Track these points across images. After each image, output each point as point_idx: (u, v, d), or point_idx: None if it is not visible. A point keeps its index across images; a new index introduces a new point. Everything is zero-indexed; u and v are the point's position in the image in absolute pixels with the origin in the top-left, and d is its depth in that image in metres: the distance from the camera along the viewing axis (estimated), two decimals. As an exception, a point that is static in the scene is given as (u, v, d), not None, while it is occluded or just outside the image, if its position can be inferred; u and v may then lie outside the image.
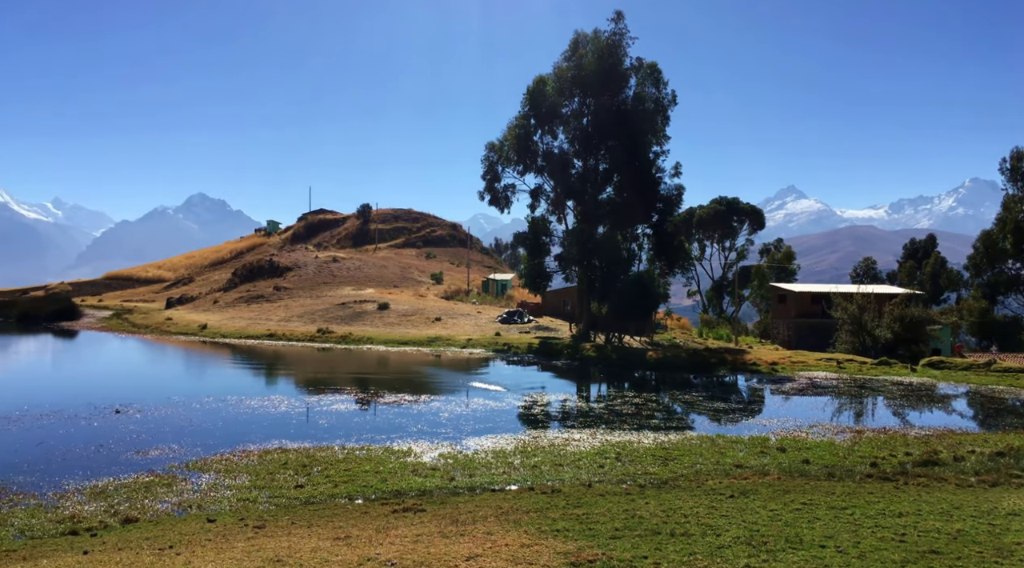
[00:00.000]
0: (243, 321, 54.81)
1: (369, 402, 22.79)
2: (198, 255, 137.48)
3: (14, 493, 12.24)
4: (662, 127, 42.12)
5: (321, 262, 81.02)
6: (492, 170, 44.35)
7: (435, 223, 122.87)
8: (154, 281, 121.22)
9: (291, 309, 58.61)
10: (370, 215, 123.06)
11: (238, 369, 34.43)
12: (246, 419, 19.75)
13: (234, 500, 11.91)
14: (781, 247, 75.76)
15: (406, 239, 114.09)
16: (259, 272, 78.45)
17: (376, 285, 71.90)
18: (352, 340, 44.19)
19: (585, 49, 41.59)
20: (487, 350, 39.73)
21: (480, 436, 17.48)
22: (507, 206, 45.27)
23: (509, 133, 43.53)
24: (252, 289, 71.12)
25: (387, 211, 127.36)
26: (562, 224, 44.87)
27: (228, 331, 50.17)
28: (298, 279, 73.55)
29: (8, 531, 10.11)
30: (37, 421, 18.92)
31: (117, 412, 20.18)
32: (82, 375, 31.87)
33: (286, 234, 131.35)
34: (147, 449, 15.81)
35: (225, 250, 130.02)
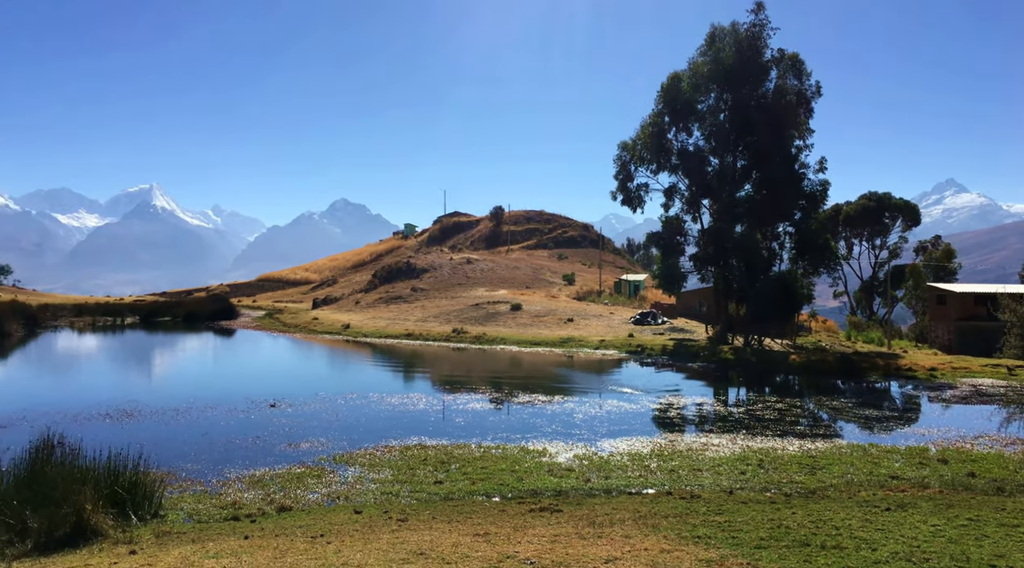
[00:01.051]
0: (383, 321, 57.01)
1: (503, 402, 23.09)
2: (341, 258, 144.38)
3: (183, 479, 13.24)
4: (805, 120, 40.20)
5: (456, 264, 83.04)
6: (625, 170, 43.87)
7: (567, 224, 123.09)
8: (301, 283, 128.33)
9: (427, 309, 60.41)
10: (502, 217, 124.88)
11: (378, 367, 35.82)
12: (387, 416, 20.49)
13: (378, 493, 12.37)
14: (939, 245, 70.49)
15: (538, 240, 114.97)
16: (397, 274, 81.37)
17: (509, 286, 72.89)
18: (486, 340, 44.97)
19: (722, 42, 40.37)
20: (620, 351, 39.36)
21: (615, 438, 17.32)
22: (640, 206, 44.68)
23: (642, 132, 42.93)
24: (391, 290, 73.86)
25: (519, 213, 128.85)
26: (697, 223, 43.78)
27: (369, 331, 52.32)
28: (434, 280, 75.71)
29: (179, 514, 10.95)
30: (202, 413, 20.43)
31: (272, 406, 21.47)
32: (240, 371, 34.16)
33: (422, 237, 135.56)
34: (298, 442, 16.73)
35: (366, 253, 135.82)
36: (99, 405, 21.57)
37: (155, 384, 28.90)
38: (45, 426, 14.95)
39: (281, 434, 17.59)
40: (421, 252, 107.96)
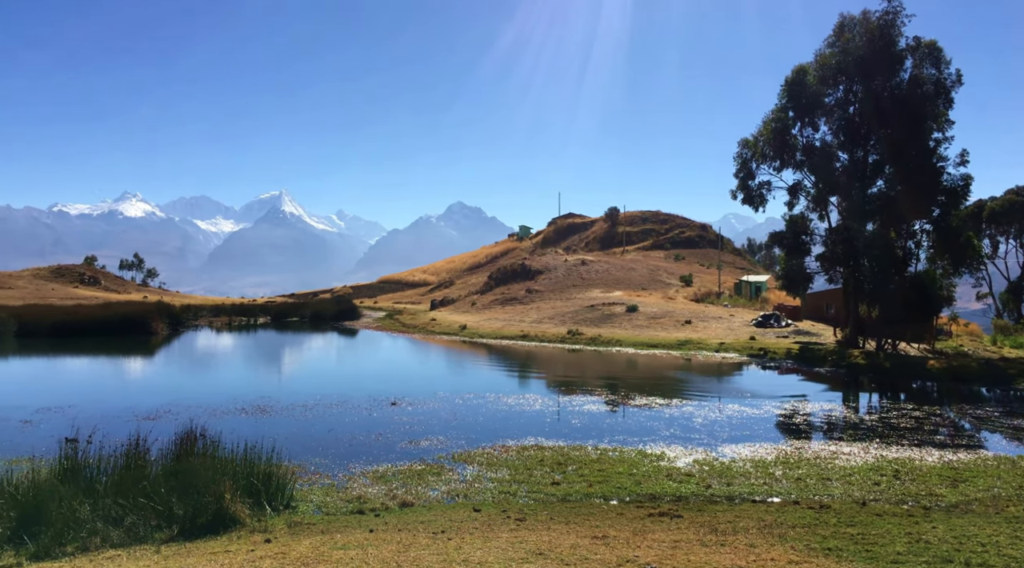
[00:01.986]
0: (498, 322, 57.67)
1: (619, 404, 22.84)
2: (458, 260, 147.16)
3: (312, 473, 13.82)
4: (944, 111, 37.61)
5: (570, 265, 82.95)
6: (745, 167, 42.47)
7: (683, 224, 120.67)
8: (420, 284, 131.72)
9: (542, 311, 60.63)
10: (618, 218, 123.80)
11: (494, 368, 36.23)
12: (503, 416, 20.68)
13: (496, 492, 12.49)
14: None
15: (654, 241, 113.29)
16: (512, 275, 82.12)
17: (624, 287, 72.14)
18: (601, 342, 44.67)
19: (852, 32, 38.40)
20: (741, 354, 38.17)
21: (736, 443, 16.79)
22: (762, 204, 43.15)
23: (764, 128, 41.45)
24: (506, 291, 74.63)
25: (634, 213, 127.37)
26: (824, 222, 41.84)
27: (485, 331, 53.04)
28: (548, 282, 75.92)
29: (308, 506, 11.43)
30: (328, 409, 21.29)
31: (393, 405, 22.12)
32: (362, 370, 35.40)
33: (537, 238, 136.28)
34: (418, 439, 17.14)
35: (481, 255, 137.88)
36: (235, 400, 22.88)
37: (285, 381, 30.36)
38: (188, 419, 15.98)
39: (402, 432, 18.08)
40: (536, 254, 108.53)
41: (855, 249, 38.14)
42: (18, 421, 19.03)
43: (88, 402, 22.46)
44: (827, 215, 41.88)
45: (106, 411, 20.58)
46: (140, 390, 26.92)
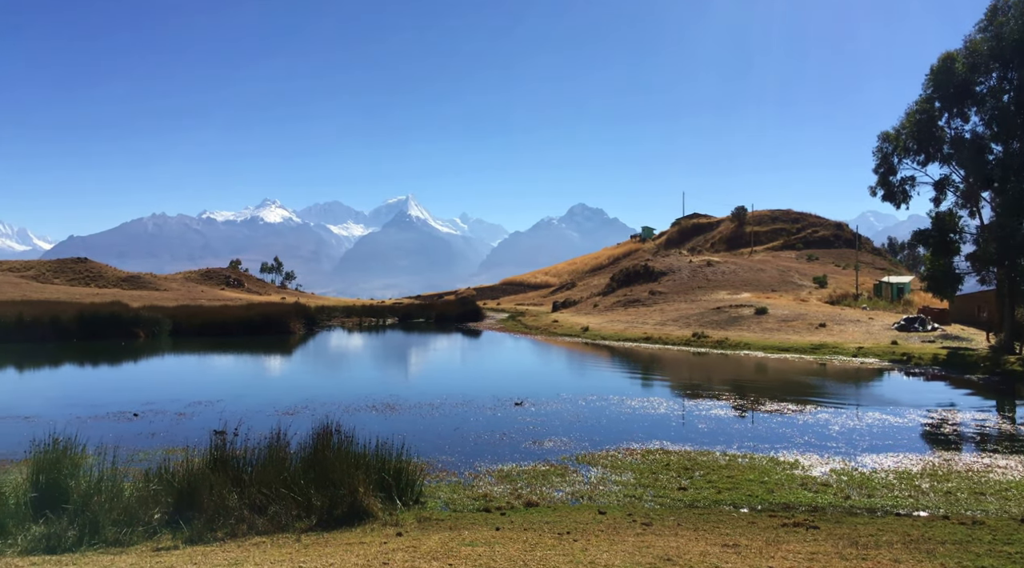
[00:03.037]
0: (620, 324, 57.12)
1: (748, 409, 22.09)
2: (579, 261, 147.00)
3: (439, 470, 14.16)
4: (1112, 97, 34.13)
5: (695, 266, 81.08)
6: (886, 162, 40.04)
7: (817, 223, 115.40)
8: (542, 286, 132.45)
9: (666, 313, 59.56)
10: (745, 217, 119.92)
11: (617, 370, 35.90)
12: (627, 418, 20.45)
13: (620, 495, 12.36)
14: None
15: (784, 241, 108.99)
16: (635, 277, 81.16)
17: (752, 289, 69.79)
18: (728, 345, 43.39)
19: (1006, 15, 35.51)
20: (881, 360, 36.06)
21: (877, 453, 15.86)
22: (904, 201, 40.58)
23: (907, 120, 38.98)
24: (628, 293, 73.83)
25: (763, 212, 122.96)
26: (975, 219, 38.88)
27: (607, 333, 52.67)
28: (672, 283, 74.52)
29: (436, 502, 11.71)
30: (453, 409, 21.76)
31: (517, 405, 22.33)
32: (486, 370, 35.95)
33: (660, 239, 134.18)
34: (542, 440, 17.22)
35: (603, 256, 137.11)
36: (366, 397, 23.78)
37: (412, 380, 31.28)
38: (324, 415, 16.74)
39: (526, 432, 18.22)
40: (659, 255, 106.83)
41: (1011, 248, 35.20)
42: (173, 414, 20.55)
43: (234, 397, 23.97)
44: (978, 212, 38.93)
45: (250, 406, 21.88)
46: (280, 386, 28.45)
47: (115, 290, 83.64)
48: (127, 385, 27.98)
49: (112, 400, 22.84)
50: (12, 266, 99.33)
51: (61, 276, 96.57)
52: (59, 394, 25.09)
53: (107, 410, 20.89)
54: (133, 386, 27.42)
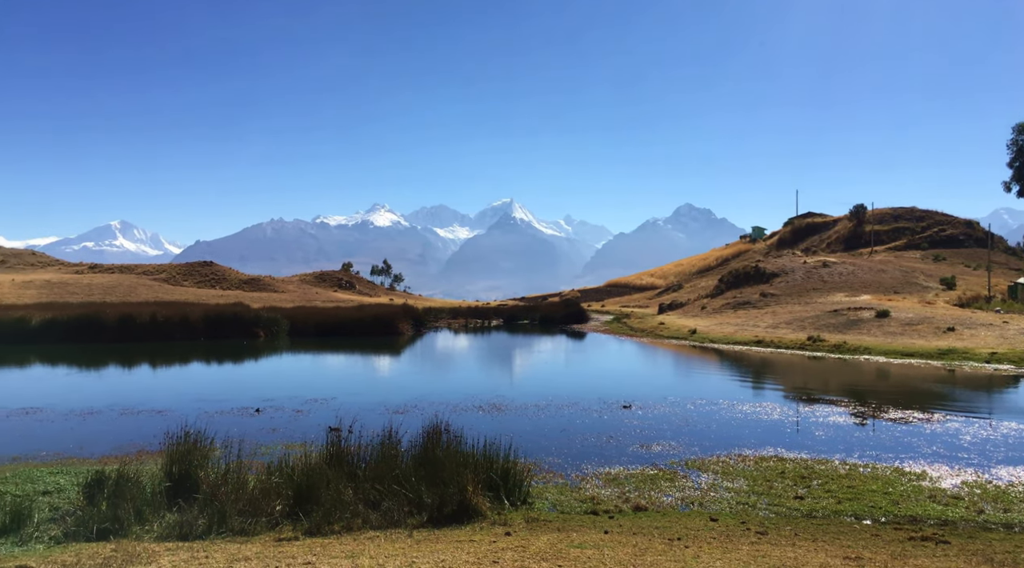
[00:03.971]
0: (730, 327, 55.59)
1: (869, 417, 21.02)
2: (686, 263, 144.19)
3: (545, 471, 14.16)
4: None
5: (810, 267, 77.97)
6: (1022, 155, 37.40)
7: (944, 221, 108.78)
8: (647, 288, 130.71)
9: (778, 315, 57.53)
10: (864, 216, 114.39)
11: (726, 374, 34.94)
12: (738, 423, 19.86)
13: (732, 502, 12.01)
14: None
15: (908, 240, 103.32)
16: (745, 278, 78.82)
17: (872, 291, 66.47)
18: (846, 349, 41.47)
19: None
20: (1018, 367, 33.57)
21: (1016, 466, 14.74)
22: (1042, 195, 37.69)
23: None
24: (738, 295, 71.78)
25: (884, 211, 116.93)
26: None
27: (715, 336, 51.37)
28: (785, 285, 71.93)
29: (543, 503, 11.72)
30: (559, 410, 21.74)
31: (625, 407, 22.08)
32: (591, 372, 35.74)
33: (771, 240, 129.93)
34: (649, 444, 16.94)
35: (711, 257, 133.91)
36: (473, 398, 24.09)
37: (517, 381, 31.45)
38: (432, 414, 17.06)
39: (633, 435, 17.98)
40: (771, 256, 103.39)
41: None
42: (292, 410, 21.45)
43: (347, 395, 24.79)
44: None
45: (362, 404, 22.57)
46: (390, 385, 29.22)
47: (237, 292, 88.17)
48: (249, 382, 29.42)
49: (236, 396, 24.07)
50: (147, 269, 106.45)
51: (189, 279, 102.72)
52: (189, 389, 26.64)
53: (231, 405, 22.02)
54: (254, 383, 28.80)
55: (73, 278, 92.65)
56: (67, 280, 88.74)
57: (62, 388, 26.76)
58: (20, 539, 9.32)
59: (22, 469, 13.72)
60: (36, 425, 18.84)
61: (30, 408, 21.23)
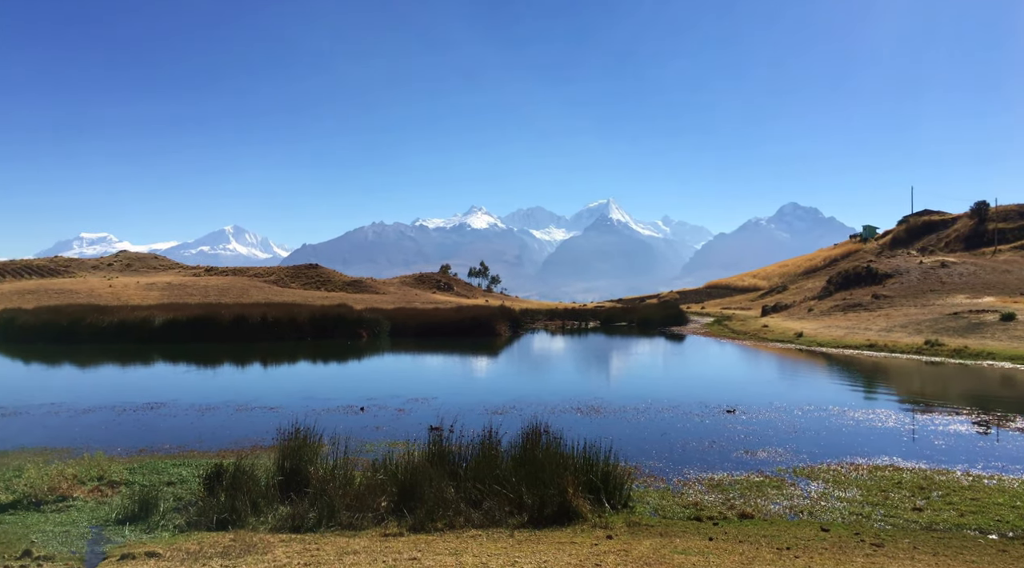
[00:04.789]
0: (839, 330, 53.36)
1: (993, 426, 19.73)
2: (791, 263, 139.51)
3: (646, 475, 13.97)
4: None
5: (926, 267, 73.93)
6: None
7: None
8: (749, 289, 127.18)
9: (892, 318, 54.80)
10: (987, 213, 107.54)
11: (835, 379, 33.54)
12: (849, 431, 19.03)
13: (845, 512, 11.51)
14: None
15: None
16: (855, 279, 75.51)
17: (996, 292, 62.40)
18: (968, 354, 39.08)
19: None
20: None
21: None
22: None
23: None
24: (848, 297, 68.82)
25: (1009, 207, 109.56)
26: None
27: (824, 340, 49.42)
28: (899, 286, 68.45)
29: (645, 508, 11.56)
30: (659, 413, 21.40)
31: (729, 412, 21.54)
32: (691, 376, 35.03)
33: (884, 239, 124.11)
34: (754, 450, 16.45)
35: (818, 258, 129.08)
36: (571, 399, 24.03)
37: (615, 384, 31.17)
38: (531, 415, 17.13)
39: (736, 440, 17.51)
40: (883, 256, 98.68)
41: None
42: (394, 409, 21.97)
43: (447, 395, 25.20)
44: None
45: (462, 404, 22.89)
46: (488, 386, 29.52)
47: (341, 293, 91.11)
48: (353, 381, 30.33)
49: (341, 394, 24.86)
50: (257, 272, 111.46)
51: (296, 281, 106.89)
52: (297, 387, 27.71)
53: (337, 403, 22.76)
54: (358, 382, 29.67)
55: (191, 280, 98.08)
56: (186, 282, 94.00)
57: (182, 385, 28.34)
58: (148, 527, 9.93)
59: (148, 460, 14.62)
60: (160, 419, 20.02)
61: (154, 403, 22.58)
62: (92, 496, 11.52)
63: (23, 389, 26.50)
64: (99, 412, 21.01)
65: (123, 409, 21.52)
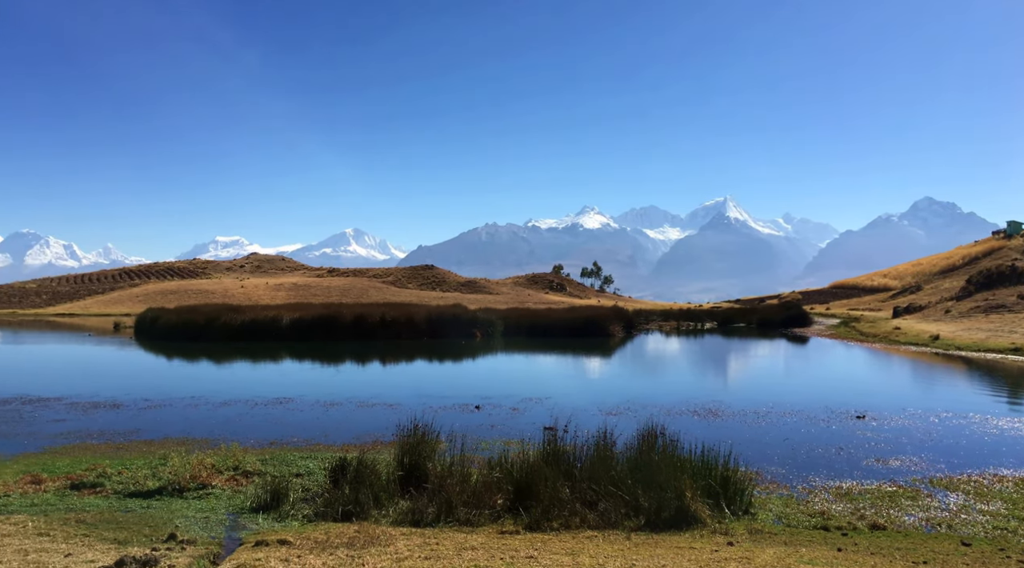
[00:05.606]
0: (980, 333, 49.80)
1: None
2: (925, 262, 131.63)
3: (768, 481, 13.49)
4: None
5: (1079, 265, 67.88)
6: None
7: None
8: (879, 290, 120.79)
9: (1040, 320, 50.64)
10: None
11: (976, 385, 31.33)
12: (992, 440, 17.72)
13: (988, 527, 10.72)
14: None
15: None
16: (999, 279, 70.26)
17: None
18: None
19: None
20: None
21: None
22: None
23: None
24: (990, 298, 64.14)
25: None
26: None
27: (963, 343, 46.26)
28: (1048, 285, 63.17)
29: (767, 515, 11.16)
30: (781, 418, 20.63)
31: (859, 418, 20.52)
32: (816, 380, 33.56)
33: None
34: (886, 458, 15.59)
35: (956, 256, 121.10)
36: (686, 402, 23.53)
37: (733, 386, 30.29)
38: (646, 417, 16.89)
39: (866, 448, 16.64)
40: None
41: None
42: (508, 408, 22.19)
43: (560, 395, 25.21)
44: None
45: (575, 404, 22.84)
46: (601, 387, 29.33)
47: (456, 294, 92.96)
48: (468, 380, 30.85)
49: (456, 392, 25.33)
50: (376, 273, 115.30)
51: (413, 281, 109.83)
52: (414, 385, 28.46)
53: (453, 401, 23.21)
54: (473, 381, 30.15)
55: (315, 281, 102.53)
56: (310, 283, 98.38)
57: (308, 381, 29.67)
58: (279, 515, 10.45)
59: (278, 453, 15.39)
60: (288, 414, 21.03)
61: (283, 398, 23.74)
62: (228, 485, 12.24)
63: (167, 383, 28.47)
64: (234, 405, 22.29)
65: (255, 403, 22.74)
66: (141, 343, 48.47)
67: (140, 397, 23.78)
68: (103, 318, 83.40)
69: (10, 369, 35.07)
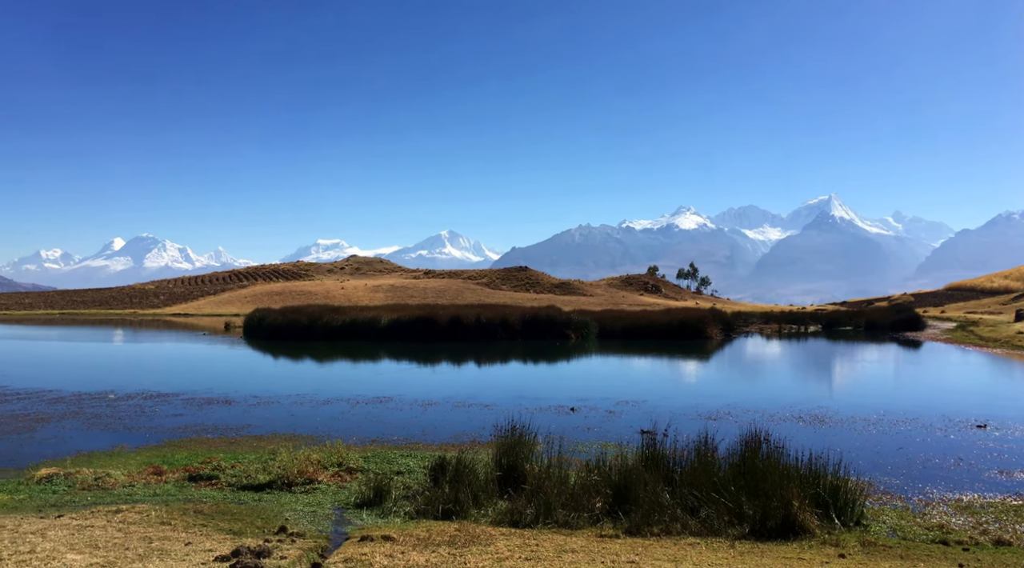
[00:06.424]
0: (1116, 337, 46.07)
1: None
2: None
3: (880, 492, 12.86)
4: None
5: None
6: None
7: None
8: (999, 292, 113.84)
9: None
10: None
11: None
12: None
13: None
14: None
15: None
16: None
17: None
18: None
19: None
20: None
21: None
22: None
23: None
24: None
25: None
26: None
27: (1096, 348, 42.90)
28: None
29: (881, 527, 10.63)
30: (894, 426, 19.65)
31: (980, 427, 19.34)
32: (932, 386, 31.82)
33: None
34: (1011, 470, 14.62)
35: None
36: (790, 407, 22.73)
37: (840, 392, 29.07)
38: (748, 422, 16.43)
39: (989, 459, 15.65)
40: None
41: None
42: (604, 411, 22.01)
43: (657, 398, 24.82)
44: None
45: (673, 408, 22.44)
46: (701, 391, 28.70)
47: (549, 295, 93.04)
48: (563, 381, 30.79)
49: (552, 394, 25.32)
50: (470, 275, 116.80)
51: (506, 283, 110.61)
52: (510, 386, 28.61)
53: (548, 403, 23.21)
54: (568, 382, 30.07)
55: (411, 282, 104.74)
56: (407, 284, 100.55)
57: (406, 380, 30.30)
58: (382, 512, 10.70)
59: (379, 450, 15.77)
60: (388, 412, 21.53)
61: (382, 397, 24.32)
62: (333, 481, 12.62)
63: (273, 381, 29.66)
64: (336, 403, 23.00)
65: (356, 401, 23.40)
66: (249, 342, 50.74)
67: (249, 394, 24.87)
68: (215, 318, 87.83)
69: (133, 366, 37.36)
